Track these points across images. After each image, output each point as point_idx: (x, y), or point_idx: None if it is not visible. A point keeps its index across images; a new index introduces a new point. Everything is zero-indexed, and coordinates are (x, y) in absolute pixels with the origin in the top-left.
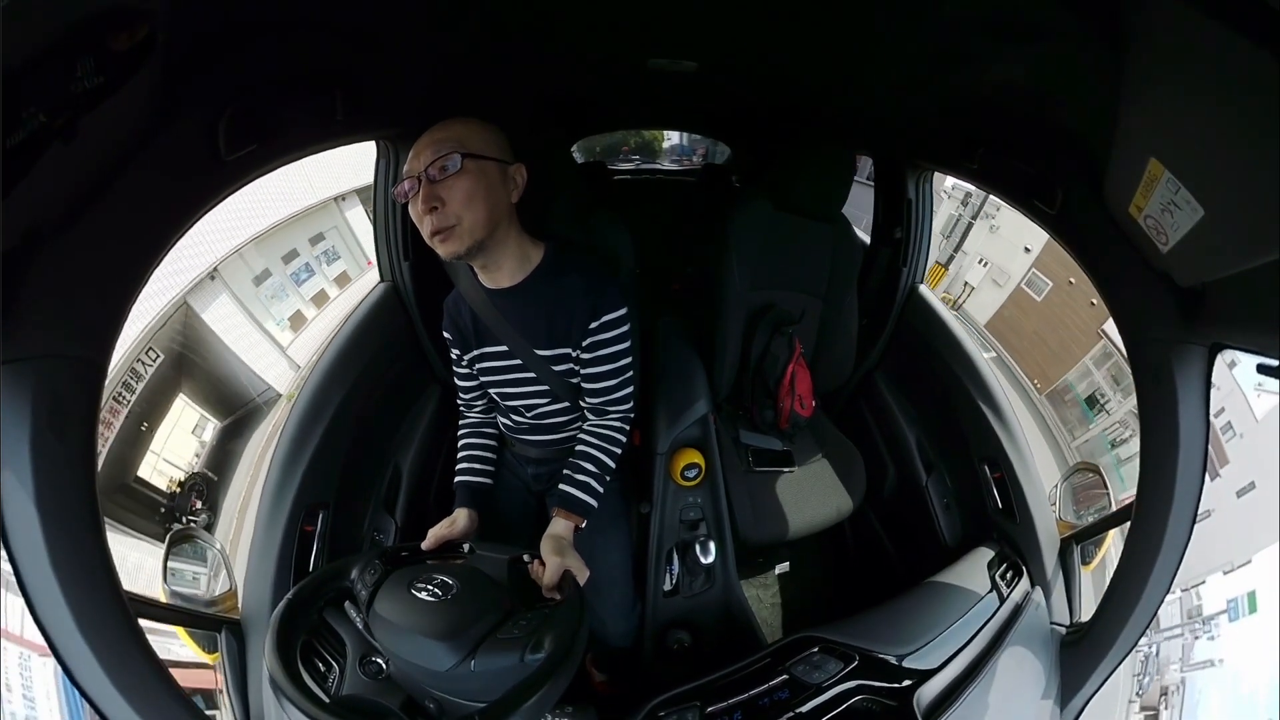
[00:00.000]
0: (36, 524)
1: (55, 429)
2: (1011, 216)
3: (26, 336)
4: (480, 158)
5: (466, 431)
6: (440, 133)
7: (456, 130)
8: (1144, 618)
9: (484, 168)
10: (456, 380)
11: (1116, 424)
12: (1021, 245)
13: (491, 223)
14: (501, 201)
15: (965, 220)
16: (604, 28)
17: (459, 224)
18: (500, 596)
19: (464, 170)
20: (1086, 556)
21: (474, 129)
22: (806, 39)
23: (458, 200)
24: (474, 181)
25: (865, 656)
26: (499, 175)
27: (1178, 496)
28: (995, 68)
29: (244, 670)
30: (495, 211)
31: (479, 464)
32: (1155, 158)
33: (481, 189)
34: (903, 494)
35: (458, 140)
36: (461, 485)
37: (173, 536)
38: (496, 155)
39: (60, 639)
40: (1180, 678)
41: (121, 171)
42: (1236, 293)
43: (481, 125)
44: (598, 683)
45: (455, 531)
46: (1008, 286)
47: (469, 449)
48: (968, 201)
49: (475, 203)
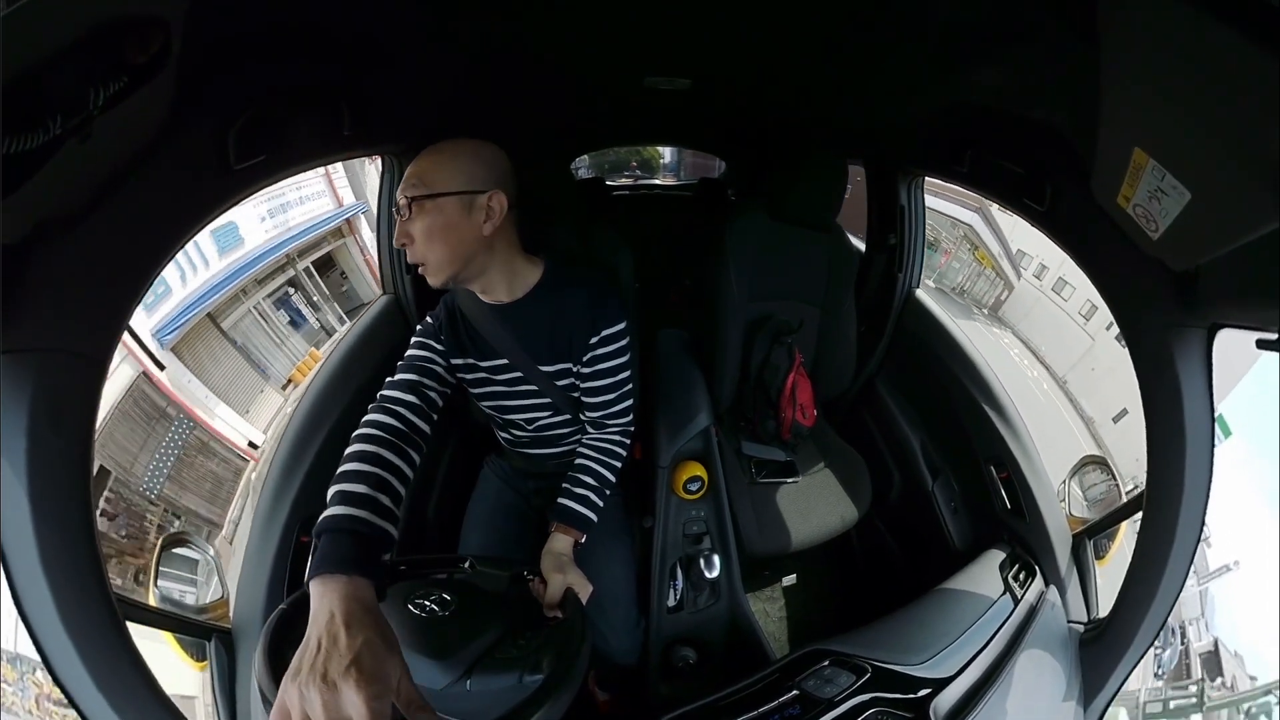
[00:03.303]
0: (28, 519)
1: (53, 424)
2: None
3: (29, 329)
4: (435, 196)
5: (378, 438)
6: (413, 166)
7: (424, 164)
8: (1163, 608)
9: (441, 206)
10: (404, 362)
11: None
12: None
13: (459, 258)
14: (467, 236)
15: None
16: (599, 46)
17: (425, 263)
18: (499, 614)
19: (418, 212)
20: (1100, 551)
21: (441, 162)
22: (799, 53)
23: (419, 240)
24: (429, 221)
25: (878, 668)
26: (459, 211)
27: (1188, 482)
28: (981, 72)
29: (233, 680)
30: (460, 247)
31: (388, 498)
32: (1139, 147)
33: (438, 229)
34: (909, 500)
35: (419, 178)
36: (349, 534)
37: (165, 541)
38: (459, 188)
39: (45, 637)
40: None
41: (133, 174)
42: (1230, 271)
43: (452, 155)
44: (601, 702)
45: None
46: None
47: (375, 464)
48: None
49: (435, 243)
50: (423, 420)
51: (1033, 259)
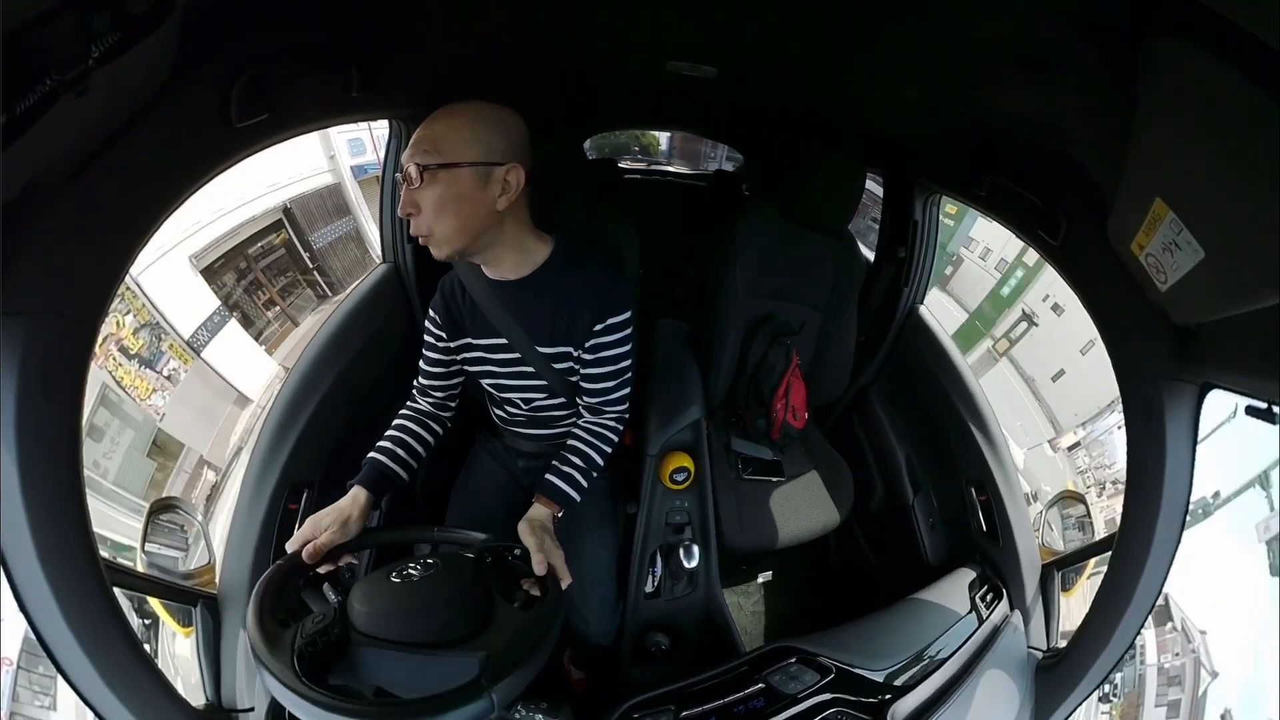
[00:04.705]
0: (16, 483)
1: (43, 388)
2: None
3: (20, 291)
4: (451, 166)
5: (409, 415)
6: (425, 130)
7: (439, 129)
8: (1120, 646)
9: (455, 176)
10: (424, 364)
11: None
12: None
13: (468, 232)
14: (480, 209)
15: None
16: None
17: (431, 235)
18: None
19: (430, 181)
20: (1067, 583)
21: (458, 128)
22: (827, 52)
23: (428, 211)
24: (441, 192)
25: (842, 670)
26: (474, 183)
27: (1159, 530)
28: (1011, 95)
29: (218, 645)
30: (471, 221)
31: (405, 451)
32: (1160, 197)
33: (450, 200)
34: (889, 511)
35: (433, 144)
36: (373, 462)
37: (154, 506)
38: (476, 159)
39: (32, 601)
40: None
41: (130, 130)
42: (1230, 335)
43: (470, 121)
44: (575, 680)
45: (346, 533)
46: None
47: (403, 431)
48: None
49: (445, 215)
50: (443, 396)
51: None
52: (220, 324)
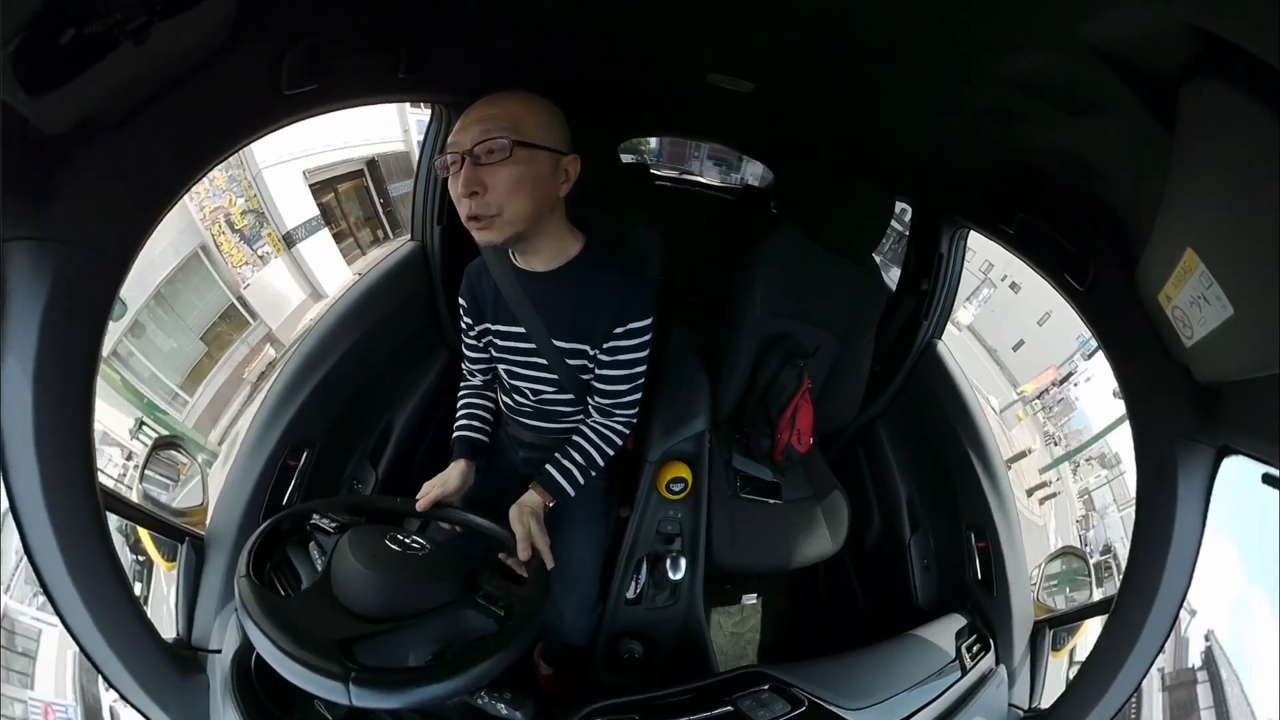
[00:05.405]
0: (29, 399)
1: (68, 313)
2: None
3: (60, 219)
4: (533, 146)
5: (469, 393)
6: (493, 108)
7: (512, 108)
8: (1107, 712)
9: (535, 157)
10: (465, 349)
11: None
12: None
13: (535, 216)
14: (549, 194)
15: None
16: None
17: (499, 215)
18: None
19: (513, 158)
20: (1058, 643)
21: (532, 110)
22: (863, 79)
23: (502, 190)
24: (522, 172)
25: (814, 704)
26: (550, 166)
27: (1160, 596)
28: (1046, 134)
29: (196, 584)
30: (542, 204)
31: (479, 422)
32: (1192, 249)
33: (529, 181)
34: (884, 547)
35: (511, 122)
36: (461, 439)
37: (157, 441)
38: (551, 144)
39: (25, 513)
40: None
41: (183, 83)
42: (1252, 398)
43: (540, 106)
44: (543, 676)
45: (450, 490)
46: None
47: (471, 407)
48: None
49: (520, 195)
50: (491, 376)
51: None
52: (315, 229)
